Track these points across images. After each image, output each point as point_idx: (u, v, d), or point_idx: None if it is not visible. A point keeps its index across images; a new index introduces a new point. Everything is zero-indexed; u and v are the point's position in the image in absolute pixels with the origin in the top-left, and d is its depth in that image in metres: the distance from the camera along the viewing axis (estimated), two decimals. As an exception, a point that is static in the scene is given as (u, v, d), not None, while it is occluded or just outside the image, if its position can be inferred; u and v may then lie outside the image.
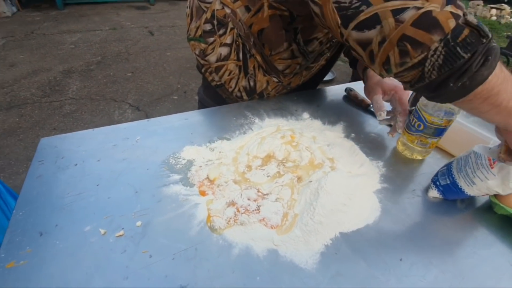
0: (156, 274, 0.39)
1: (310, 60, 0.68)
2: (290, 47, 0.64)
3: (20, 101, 2.38)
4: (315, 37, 0.62)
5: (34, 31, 3.72)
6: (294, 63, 0.67)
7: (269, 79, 0.73)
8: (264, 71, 0.70)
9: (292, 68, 0.69)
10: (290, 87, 0.77)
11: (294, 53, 0.65)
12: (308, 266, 0.41)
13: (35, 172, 0.54)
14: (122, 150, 0.60)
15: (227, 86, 0.75)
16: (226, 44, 0.67)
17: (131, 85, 2.71)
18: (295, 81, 0.74)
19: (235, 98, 0.77)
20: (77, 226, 0.44)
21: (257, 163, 0.56)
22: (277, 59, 0.67)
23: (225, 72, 0.72)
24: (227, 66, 0.70)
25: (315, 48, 0.65)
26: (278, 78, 0.72)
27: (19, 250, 0.41)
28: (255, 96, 0.77)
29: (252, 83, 0.73)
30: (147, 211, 0.47)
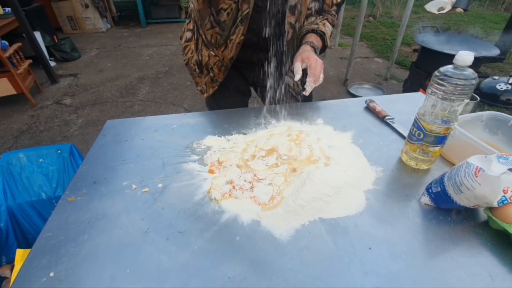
0: (164, 221, 0.51)
1: (226, 31, 0.82)
2: (209, 18, 0.82)
3: (102, 99, 2.91)
4: (222, 8, 0.78)
5: (121, 44, 4.49)
6: (215, 32, 0.84)
7: (209, 53, 0.89)
8: (205, 45, 0.89)
9: (215, 38, 0.85)
10: (226, 63, 0.89)
11: (212, 24, 0.83)
12: (282, 237, 0.48)
13: (98, 143, 0.73)
14: (160, 134, 0.76)
15: (190, 62, 0.96)
16: (190, 29, 0.92)
17: (188, 92, 3.06)
18: (226, 54, 0.87)
19: (193, 73, 0.98)
20: (118, 181, 0.60)
21: (261, 154, 0.65)
22: (206, 31, 0.85)
23: (188, 51, 0.94)
24: (190, 46, 0.93)
25: (225, 18, 0.79)
26: (214, 52, 0.88)
27: (78, 191, 0.58)
28: (204, 70, 0.93)
29: (200, 57, 0.92)
30: (168, 178, 0.61)
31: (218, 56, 0.88)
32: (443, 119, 0.55)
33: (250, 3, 0.75)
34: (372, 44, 4.34)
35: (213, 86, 0.96)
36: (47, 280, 0.42)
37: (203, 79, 0.97)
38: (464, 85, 0.50)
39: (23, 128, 2.44)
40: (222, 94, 1.00)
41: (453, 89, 0.51)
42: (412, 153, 0.62)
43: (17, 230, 0.83)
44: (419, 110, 0.58)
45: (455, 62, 0.51)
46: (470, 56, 0.49)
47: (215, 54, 0.88)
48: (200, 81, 0.98)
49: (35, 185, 0.83)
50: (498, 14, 5.68)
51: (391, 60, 3.07)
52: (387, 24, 5.18)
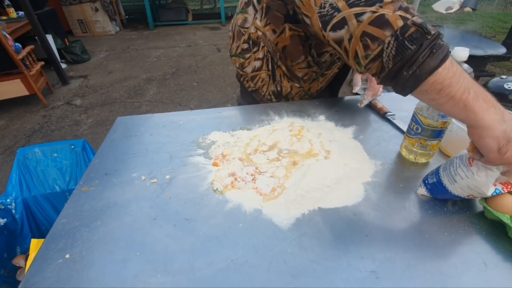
0: (171, 209, 0.54)
1: (324, 69, 0.82)
2: (306, 58, 0.79)
3: (111, 100, 2.99)
4: (326, 51, 0.77)
5: (130, 47, 4.59)
6: (311, 71, 0.82)
7: (292, 85, 0.88)
8: (288, 78, 0.86)
9: (309, 75, 0.83)
10: (311, 92, 0.88)
11: (310, 64, 0.81)
12: (283, 225, 0.51)
13: (110, 137, 0.76)
14: (168, 129, 0.79)
15: (260, 91, 0.92)
16: (259, 58, 0.85)
17: (195, 93, 3.11)
18: (314, 86, 0.87)
19: (266, 101, 0.94)
20: (128, 172, 0.63)
21: (263, 148, 0.67)
22: (297, 69, 0.82)
23: (258, 80, 0.90)
24: (260, 75, 0.88)
25: (327, 59, 0.79)
26: (299, 84, 0.86)
27: (91, 181, 0.61)
28: (282, 99, 0.92)
29: (279, 88, 0.89)
30: (175, 170, 0.64)
31: (303, 87, 0.88)
32: (439, 113, 0.56)
33: None
34: (378, 45, 4.32)
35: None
36: (63, 261, 0.45)
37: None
38: (459, 80, 0.52)
39: (35, 128, 2.52)
40: None
41: (448, 84, 0.53)
42: (411, 147, 0.64)
43: (31, 222, 0.87)
44: (417, 105, 0.60)
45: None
46: (465, 52, 0.51)
47: (300, 86, 0.88)
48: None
49: (50, 179, 0.87)
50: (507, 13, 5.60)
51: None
52: (393, 24, 5.15)
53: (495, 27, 4.88)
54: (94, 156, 0.69)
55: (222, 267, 0.44)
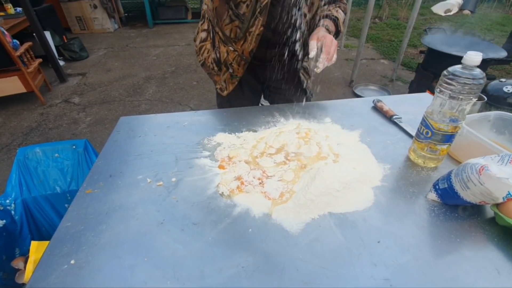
0: (178, 213, 0.53)
1: (245, 23, 0.82)
2: (228, 13, 0.83)
3: (110, 98, 2.96)
4: (241, 1, 0.79)
5: (129, 45, 4.55)
6: (234, 26, 0.85)
7: (227, 49, 0.90)
8: (223, 42, 0.90)
9: (234, 31, 0.86)
10: (245, 55, 0.90)
11: (231, 18, 0.84)
12: (293, 230, 0.50)
13: (113, 138, 0.75)
14: (172, 130, 0.78)
15: (206, 61, 0.97)
16: (204, 29, 0.94)
17: (195, 92, 3.09)
18: (245, 48, 0.87)
19: (212, 72, 0.98)
20: (133, 174, 0.62)
21: (270, 151, 0.67)
22: (224, 26, 0.86)
23: (204, 51, 0.96)
24: (205, 46, 0.95)
25: (245, 11, 0.80)
26: (232, 46, 0.89)
27: (95, 183, 0.60)
28: (222, 67, 0.95)
29: (218, 55, 0.93)
30: (181, 172, 0.63)
31: (237, 51, 0.89)
32: (451, 117, 0.56)
33: None
34: (378, 46, 4.33)
35: (233, 82, 0.97)
36: (68, 267, 0.44)
37: (222, 76, 0.97)
38: (472, 85, 0.51)
39: (32, 126, 2.49)
40: (236, 94, 1.01)
41: (461, 88, 0.53)
42: (420, 151, 0.63)
43: (31, 223, 0.86)
44: (427, 109, 0.60)
45: (464, 62, 0.52)
46: (478, 56, 0.50)
47: (234, 49, 0.89)
48: (219, 79, 0.99)
49: (50, 179, 0.86)
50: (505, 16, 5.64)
51: (397, 62, 3.07)
52: (393, 26, 5.17)
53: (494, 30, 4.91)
54: (98, 157, 0.68)
55: (233, 274, 0.43)
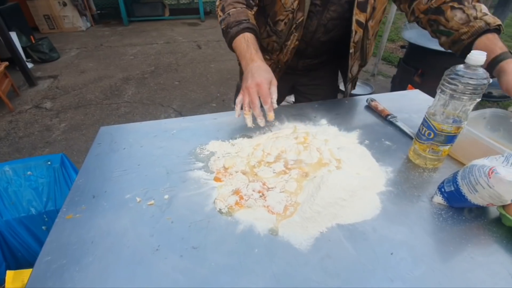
0: (175, 236, 0.48)
1: (282, 38, 0.84)
2: (266, 28, 0.86)
3: (86, 102, 2.79)
4: (279, 19, 0.81)
5: (103, 44, 4.33)
6: (271, 41, 0.87)
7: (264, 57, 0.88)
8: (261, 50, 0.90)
9: (271, 45, 0.88)
10: (280, 65, 0.91)
11: (269, 33, 0.86)
12: (302, 247, 0.46)
13: (94, 151, 0.68)
14: (160, 140, 0.72)
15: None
16: None
17: (177, 92, 2.99)
18: (281, 58, 0.89)
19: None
20: (120, 194, 0.56)
21: (269, 159, 0.63)
22: (262, 39, 0.89)
23: None
24: None
25: (282, 28, 0.82)
26: (268, 55, 0.91)
27: (76, 207, 0.53)
28: None
29: None
30: (174, 188, 0.57)
31: (273, 60, 0.91)
32: (454, 118, 0.54)
33: (305, 11, 0.76)
34: (357, 41, 4.39)
35: None
36: (51, 309, 0.38)
37: None
38: (476, 85, 0.50)
39: (0, 135, 2.29)
40: None
41: (464, 88, 0.51)
42: (422, 152, 0.62)
43: (5, 249, 0.77)
44: (429, 110, 0.58)
45: (467, 61, 0.50)
46: (483, 55, 0.49)
47: (269, 58, 0.91)
48: None
49: (24, 200, 0.77)
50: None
51: (378, 57, 3.12)
52: (371, 21, 5.26)
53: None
54: (78, 175, 0.61)
55: (243, 304, 0.39)
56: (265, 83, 0.64)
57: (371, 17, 0.77)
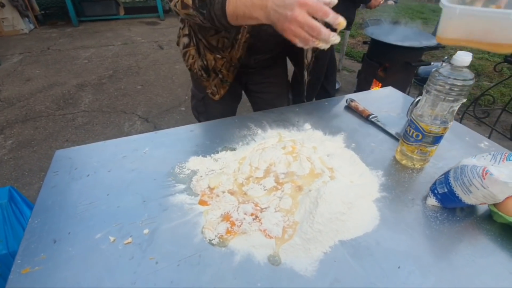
0: (162, 280, 0.41)
1: (232, 32, 0.76)
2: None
3: (35, 114, 2.48)
4: None
5: (50, 47, 3.90)
6: (221, 37, 0.78)
7: (215, 57, 0.84)
8: (209, 50, 0.83)
9: (222, 42, 0.79)
10: (234, 62, 0.84)
11: (217, 29, 0.77)
12: (308, 273, 0.42)
13: (50, 182, 0.57)
14: (131, 161, 0.63)
15: (192, 68, 0.90)
16: (186, 34, 0.85)
17: (141, 97, 2.79)
18: (233, 54, 0.81)
19: (200, 79, 0.91)
20: (88, 234, 0.47)
21: (258, 174, 0.58)
22: (209, 37, 0.79)
23: (189, 57, 0.88)
24: (189, 51, 0.87)
25: None
26: (219, 54, 0.83)
27: (34, 257, 0.44)
28: (211, 73, 0.88)
29: (205, 62, 0.86)
30: (154, 219, 0.50)
31: (225, 58, 0.84)
32: (442, 119, 0.54)
33: None
34: (320, 37, 4.50)
35: (224, 86, 0.91)
36: None
37: (212, 82, 0.90)
38: (463, 86, 0.50)
39: None
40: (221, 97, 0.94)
41: (450, 89, 0.51)
42: (409, 153, 0.61)
43: None
44: (416, 111, 0.58)
45: (453, 62, 0.50)
46: (468, 56, 0.49)
47: (221, 57, 0.83)
48: (208, 84, 0.91)
49: (-37, 246, 0.63)
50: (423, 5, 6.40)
51: (341, 52, 3.22)
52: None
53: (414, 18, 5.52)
54: (32, 214, 0.50)
55: None
56: None
57: None
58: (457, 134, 0.75)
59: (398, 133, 0.74)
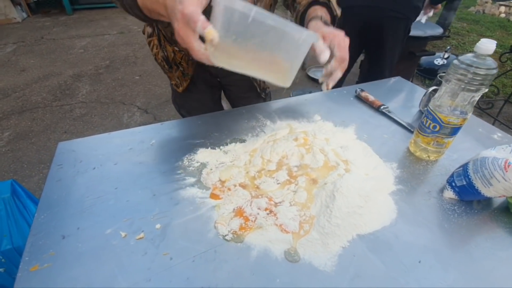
0: (178, 276, 0.39)
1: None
2: None
3: (31, 105, 2.43)
4: None
5: (44, 36, 3.80)
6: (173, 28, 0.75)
7: (173, 49, 0.81)
8: (168, 41, 0.81)
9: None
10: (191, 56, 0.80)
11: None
12: (327, 268, 0.41)
13: (54, 176, 0.55)
14: (137, 154, 0.61)
15: (157, 58, 0.86)
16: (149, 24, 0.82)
17: (139, 88, 2.74)
18: None
19: (164, 69, 0.89)
20: (98, 229, 0.45)
21: (270, 167, 0.56)
22: (164, 28, 0.77)
23: (153, 46, 0.85)
24: (153, 41, 0.84)
25: None
26: (176, 46, 0.80)
27: (42, 253, 0.42)
28: (173, 65, 0.85)
29: (166, 53, 0.83)
30: (165, 213, 0.48)
31: (183, 51, 0.80)
32: (461, 110, 0.52)
33: None
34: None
35: (186, 79, 0.88)
36: None
37: (175, 73, 0.88)
38: (486, 75, 0.48)
39: None
40: (190, 89, 0.91)
41: (472, 78, 0.49)
42: (425, 145, 0.60)
43: None
44: (434, 102, 0.56)
45: (477, 50, 0.48)
46: (492, 44, 0.47)
47: (179, 50, 0.81)
48: (172, 76, 0.89)
49: (-34, 242, 0.61)
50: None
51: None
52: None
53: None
54: (37, 209, 0.49)
55: None
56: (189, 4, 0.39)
57: (258, 0, 0.72)
58: (470, 125, 0.73)
59: (410, 124, 0.72)
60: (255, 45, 0.45)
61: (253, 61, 0.48)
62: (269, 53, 0.47)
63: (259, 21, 0.41)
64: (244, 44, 0.44)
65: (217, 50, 0.43)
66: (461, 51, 3.61)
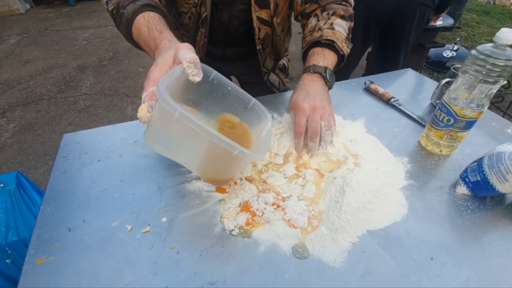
0: (185, 271, 0.39)
1: (190, 33, 0.77)
2: (174, 19, 0.78)
3: (36, 97, 2.44)
4: (182, 11, 0.74)
5: (48, 28, 3.78)
6: (180, 34, 0.80)
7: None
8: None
9: (181, 39, 0.79)
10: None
11: (176, 25, 0.80)
12: (337, 264, 0.40)
13: (60, 168, 0.55)
14: (142, 146, 0.60)
15: None
16: None
17: (143, 80, 2.71)
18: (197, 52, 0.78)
19: None
20: (104, 222, 0.45)
21: (277, 160, 0.55)
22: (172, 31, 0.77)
23: None
24: None
25: (188, 22, 0.75)
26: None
27: (48, 246, 0.42)
28: None
29: None
30: (171, 207, 0.47)
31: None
32: (478, 103, 0.50)
33: (207, 5, 0.70)
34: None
35: None
36: None
37: None
38: (505, 66, 0.46)
39: None
40: None
41: (491, 70, 0.47)
42: (438, 139, 0.58)
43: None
44: (449, 94, 0.53)
45: (496, 40, 0.46)
46: (513, 33, 0.44)
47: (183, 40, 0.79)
48: None
49: (-26, 233, 0.61)
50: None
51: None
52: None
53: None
54: (43, 201, 0.48)
55: None
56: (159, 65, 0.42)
57: (275, 14, 0.71)
58: (483, 119, 0.70)
59: (421, 117, 0.70)
60: (180, 147, 0.44)
61: (179, 156, 0.46)
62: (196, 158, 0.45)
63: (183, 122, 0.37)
64: (170, 142, 0.44)
65: (148, 128, 0.43)
66: (471, 43, 3.52)
